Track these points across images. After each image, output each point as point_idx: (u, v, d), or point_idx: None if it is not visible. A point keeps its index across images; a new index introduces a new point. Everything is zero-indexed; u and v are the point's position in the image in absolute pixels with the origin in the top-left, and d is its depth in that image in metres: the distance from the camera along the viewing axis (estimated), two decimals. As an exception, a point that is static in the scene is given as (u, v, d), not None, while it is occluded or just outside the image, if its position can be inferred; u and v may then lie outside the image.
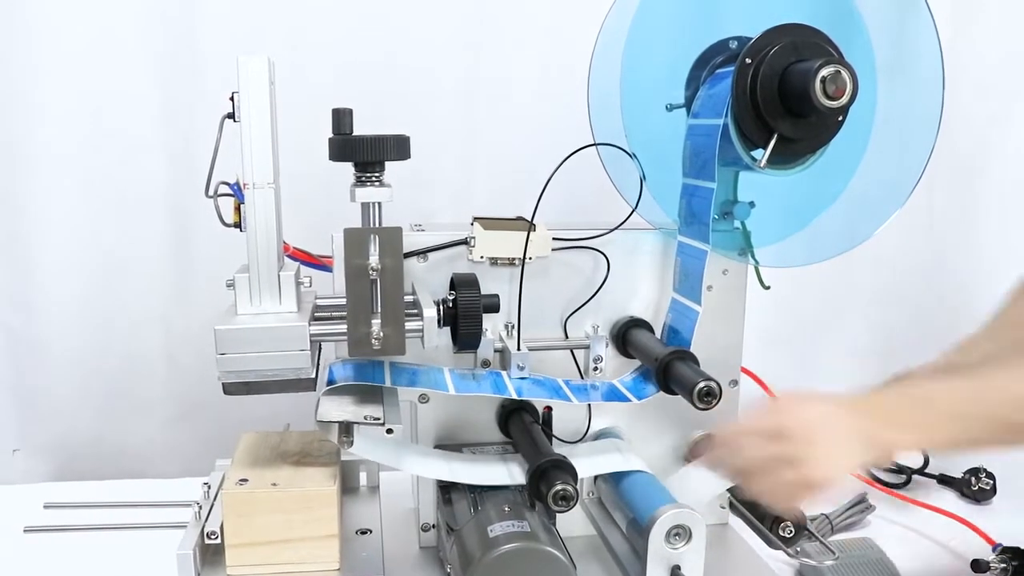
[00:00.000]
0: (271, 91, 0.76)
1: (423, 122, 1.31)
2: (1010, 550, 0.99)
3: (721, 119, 0.83)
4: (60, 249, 1.32)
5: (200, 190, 0.78)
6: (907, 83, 0.92)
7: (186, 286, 1.35)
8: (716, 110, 0.84)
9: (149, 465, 1.33)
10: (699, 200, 0.87)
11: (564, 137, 1.16)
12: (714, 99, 0.86)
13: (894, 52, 0.91)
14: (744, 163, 0.86)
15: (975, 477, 1.20)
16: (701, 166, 0.87)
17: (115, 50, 1.26)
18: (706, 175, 0.85)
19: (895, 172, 0.91)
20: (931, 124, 0.88)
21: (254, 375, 0.75)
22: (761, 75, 0.80)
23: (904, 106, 0.91)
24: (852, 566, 0.97)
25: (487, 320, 0.87)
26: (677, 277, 0.94)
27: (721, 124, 0.83)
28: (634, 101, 1.00)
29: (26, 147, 1.28)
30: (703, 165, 0.86)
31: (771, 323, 1.50)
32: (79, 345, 1.35)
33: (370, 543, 0.86)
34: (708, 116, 0.86)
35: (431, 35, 1.32)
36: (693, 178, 0.89)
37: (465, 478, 0.88)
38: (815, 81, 0.76)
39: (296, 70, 1.24)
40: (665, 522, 0.79)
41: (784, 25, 0.81)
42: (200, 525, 0.80)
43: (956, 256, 1.55)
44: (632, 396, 0.91)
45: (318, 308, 0.84)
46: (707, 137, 0.85)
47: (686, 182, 0.90)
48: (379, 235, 0.77)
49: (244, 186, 0.77)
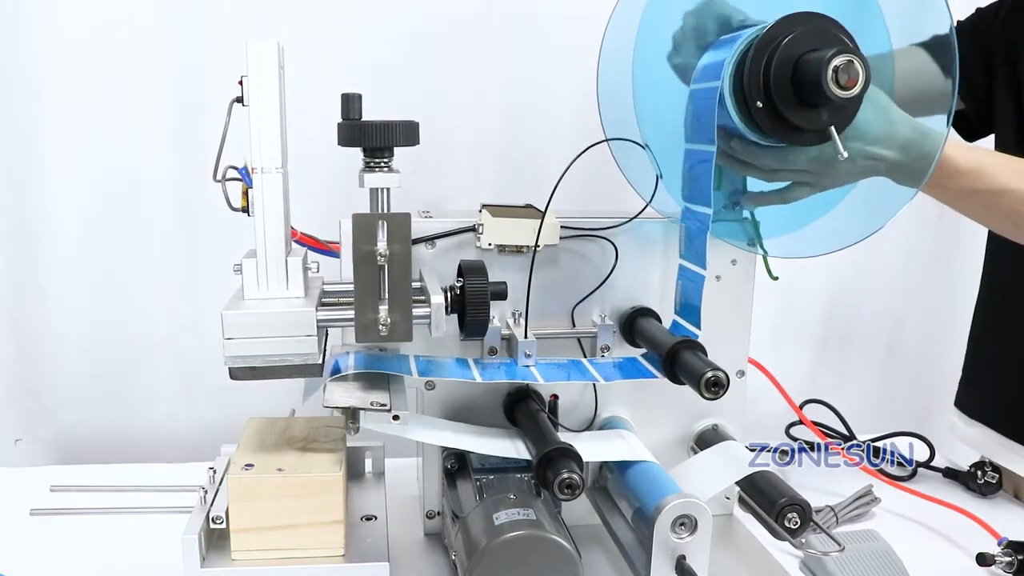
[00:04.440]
0: (280, 75, 0.76)
1: (432, 108, 1.31)
2: (1016, 544, 0.99)
3: (719, 82, 0.82)
4: (66, 236, 1.32)
5: (208, 175, 0.78)
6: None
7: (192, 272, 1.35)
8: (715, 73, 0.84)
9: (154, 454, 1.33)
10: (700, 164, 0.86)
11: (574, 125, 1.16)
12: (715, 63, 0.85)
13: (909, 38, 0.90)
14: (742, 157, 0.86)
15: (981, 471, 1.20)
16: (702, 129, 0.86)
17: (123, 35, 1.26)
18: (706, 138, 0.85)
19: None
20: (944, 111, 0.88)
21: (260, 360, 0.75)
22: (775, 64, 0.79)
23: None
24: (857, 558, 0.96)
25: (494, 307, 0.87)
26: (683, 243, 0.93)
27: (719, 86, 0.82)
28: (646, 89, 0.99)
29: (33, 133, 1.28)
30: (703, 130, 0.85)
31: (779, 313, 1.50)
32: (85, 332, 1.35)
33: (375, 529, 0.86)
34: (708, 79, 0.85)
35: (442, 21, 1.32)
36: (694, 143, 0.88)
37: (471, 447, 0.88)
38: (827, 71, 0.75)
39: (306, 55, 1.23)
40: (671, 512, 0.79)
41: (798, 13, 0.80)
42: (205, 510, 0.80)
43: (965, 246, 1.54)
44: (658, 373, 0.90)
45: (325, 294, 0.83)
46: (706, 100, 0.84)
47: (688, 147, 0.89)
48: (387, 221, 0.76)
49: (252, 171, 0.77)
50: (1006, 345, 1.22)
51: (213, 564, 0.78)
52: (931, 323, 1.63)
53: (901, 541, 1.00)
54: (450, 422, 0.94)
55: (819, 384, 1.53)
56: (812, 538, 0.91)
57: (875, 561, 0.97)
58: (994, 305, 1.26)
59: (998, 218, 0.98)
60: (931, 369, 1.61)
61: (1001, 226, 1.00)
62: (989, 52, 1.14)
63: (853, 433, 1.31)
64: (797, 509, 0.84)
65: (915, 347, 1.64)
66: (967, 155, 0.90)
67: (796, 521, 0.85)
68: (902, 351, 1.64)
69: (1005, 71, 1.13)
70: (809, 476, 1.18)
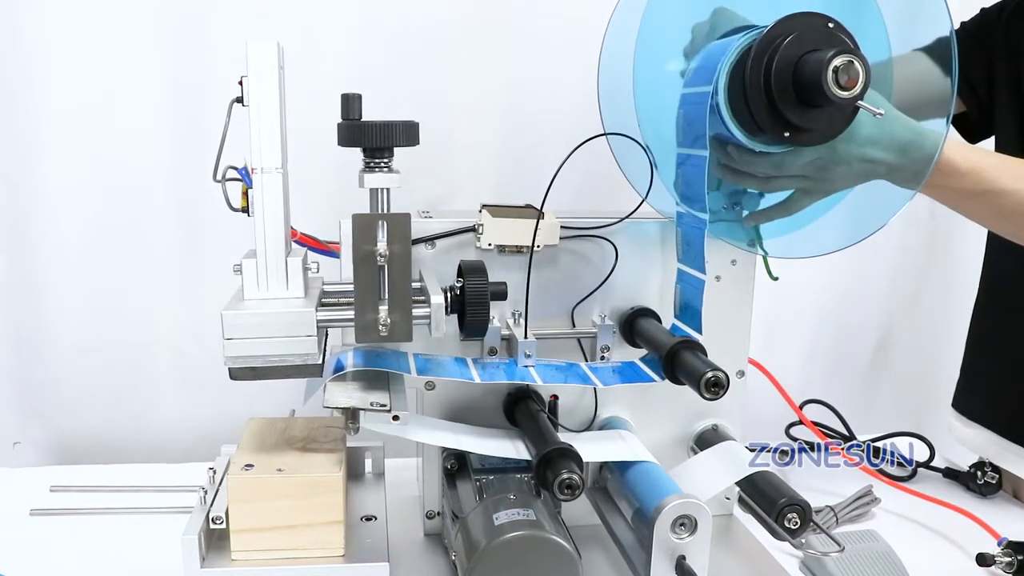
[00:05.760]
0: (280, 76, 0.76)
1: (432, 108, 1.30)
2: (1015, 544, 0.99)
3: (711, 86, 0.82)
4: (65, 236, 1.31)
5: (208, 176, 0.78)
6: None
7: (192, 272, 1.34)
8: (707, 78, 0.83)
9: (154, 455, 1.32)
10: (693, 169, 0.86)
11: (573, 125, 1.16)
12: (706, 66, 0.85)
13: (908, 38, 0.90)
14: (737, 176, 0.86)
15: (980, 471, 1.20)
16: (693, 135, 0.86)
17: (123, 36, 1.26)
18: (698, 143, 0.84)
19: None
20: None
21: (260, 360, 0.75)
22: (775, 65, 0.79)
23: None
24: (857, 558, 0.96)
25: (494, 308, 0.87)
26: (680, 247, 0.93)
27: (710, 90, 0.82)
28: (647, 90, 0.99)
29: (32, 133, 1.28)
30: (695, 134, 0.85)
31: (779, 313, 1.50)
32: (85, 333, 1.35)
33: (375, 529, 0.86)
34: (699, 84, 0.85)
35: (442, 21, 1.32)
36: (686, 147, 0.88)
37: (471, 447, 0.88)
38: (827, 71, 0.75)
39: (306, 55, 1.23)
40: (671, 512, 0.79)
41: (799, 13, 0.80)
42: (205, 510, 0.80)
43: (962, 246, 1.55)
44: (656, 376, 0.90)
45: (325, 294, 0.83)
46: (698, 105, 0.84)
47: (680, 151, 0.89)
48: (387, 221, 0.76)
49: (252, 171, 0.77)
50: (1005, 346, 1.22)
51: (213, 564, 0.78)
52: (930, 323, 1.63)
53: (901, 541, 1.00)
54: (450, 423, 0.94)
55: (819, 384, 1.53)
56: (812, 538, 0.91)
57: (875, 561, 0.97)
58: (993, 306, 1.26)
59: (998, 219, 0.98)
60: (930, 369, 1.61)
61: (1002, 227, 1.00)
62: (991, 53, 1.14)
63: (853, 433, 1.31)
64: (797, 509, 0.84)
65: (914, 346, 1.64)
66: (967, 155, 0.90)
67: (796, 521, 0.85)
68: (901, 350, 1.65)
69: (1007, 73, 1.13)
70: (809, 476, 1.18)
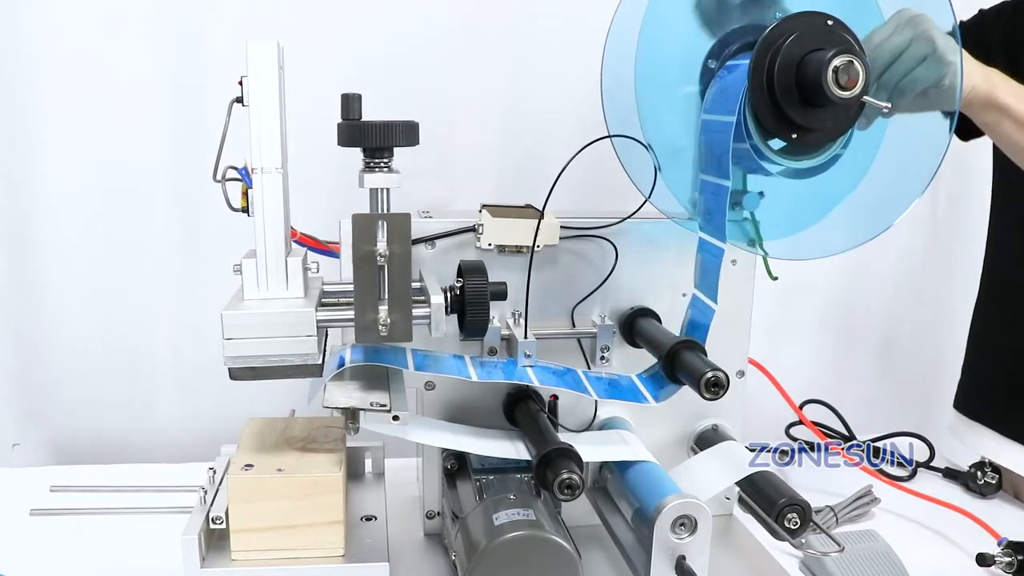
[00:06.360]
0: (280, 76, 0.76)
1: (432, 108, 1.31)
2: (1015, 544, 0.99)
3: (734, 116, 0.82)
4: (65, 236, 1.31)
5: (208, 176, 0.78)
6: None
7: (192, 272, 1.35)
8: (728, 106, 0.83)
9: (154, 455, 1.33)
10: (715, 197, 0.86)
11: (574, 125, 1.15)
12: (726, 93, 0.85)
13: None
14: (757, 164, 0.85)
15: (980, 471, 1.20)
16: (716, 163, 0.85)
17: (123, 36, 1.26)
18: (721, 172, 0.84)
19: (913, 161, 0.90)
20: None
21: (260, 360, 0.75)
22: (778, 64, 0.79)
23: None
24: (857, 558, 0.96)
25: (494, 308, 0.87)
26: (698, 273, 0.92)
27: (734, 121, 0.81)
28: (649, 90, 0.99)
29: (32, 133, 1.28)
30: (718, 162, 0.85)
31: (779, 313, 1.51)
32: (85, 333, 1.35)
33: (375, 529, 0.86)
34: (721, 112, 0.85)
35: (443, 21, 1.32)
36: (709, 175, 0.88)
37: (471, 448, 0.88)
38: (827, 71, 0.75)
39: (306, 55, 1.23)
40: (671, 512, 0.79)
41: (802, 13, 0.80)
42: (205, 510, 0.80)
43: (957, 245, 1.55)
44: (651, 397, 0.90)
45: (325, 294, 0.83)
46: (720, 134, 0.84)
47: (703, 178, 0.89)
48: (387, 221, 0.76)
49: (252, 171, 0.77)
50: (1006, 345, 1.22)
51: (213, 564, 0.78)
52: (931, 323, 1.63)
53: (901, 541, 1.00)
54: (450, 423, 0.94)
55: (819, 384, 1.53)
56: (812, 538, 0.91)
57: (875, 561, 0.97)
58: (993, 305, 1.26)
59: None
60: (931, 369, 1.61)
61: None
62: (989, 54, 1.13)
63: (853, 433, 1.32)
64: (797, 509, 0.84)
65: (915, 347, 1.64)
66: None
67: (796, 521, 0.85)
68: (902, 351, 1.65)
69: (1006, 72, 1.13)
70: (809, 476, 1.18)
